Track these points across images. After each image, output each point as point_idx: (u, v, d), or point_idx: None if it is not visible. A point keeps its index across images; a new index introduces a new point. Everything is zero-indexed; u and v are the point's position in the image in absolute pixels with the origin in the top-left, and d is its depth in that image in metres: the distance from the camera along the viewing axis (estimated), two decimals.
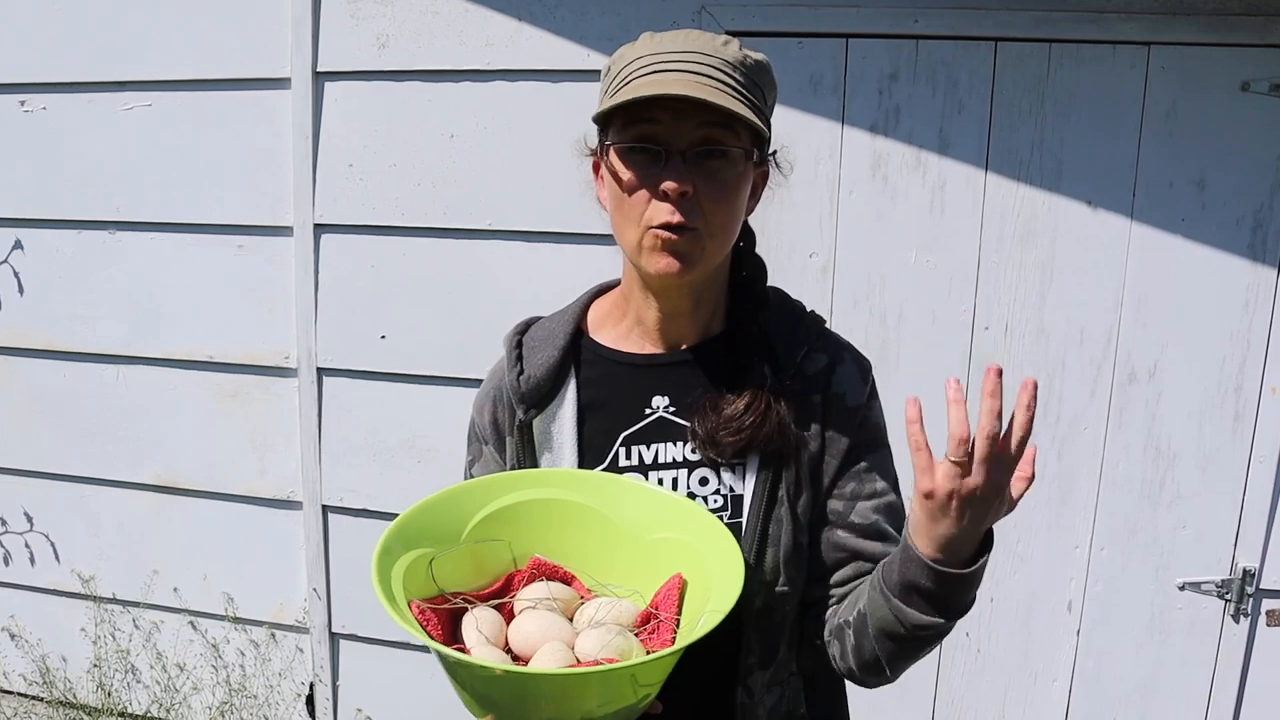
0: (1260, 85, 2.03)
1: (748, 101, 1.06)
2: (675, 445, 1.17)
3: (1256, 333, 2.12)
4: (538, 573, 1.12)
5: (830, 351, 1.20)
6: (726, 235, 1.11)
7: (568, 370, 1.21)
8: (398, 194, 2.46)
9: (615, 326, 1.23)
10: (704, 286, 1.16)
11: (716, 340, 1.20)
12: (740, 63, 1.07)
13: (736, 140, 1.06)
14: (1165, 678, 2.30)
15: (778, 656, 1.18)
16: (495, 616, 1.06)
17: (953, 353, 2.25)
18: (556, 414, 1.20)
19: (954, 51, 2.13)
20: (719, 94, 1.02)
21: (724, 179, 1.07)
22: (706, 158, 1.05)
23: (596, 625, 1.03)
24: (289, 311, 2.60)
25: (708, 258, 1.09)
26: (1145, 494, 2.23)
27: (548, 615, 1.05)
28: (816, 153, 2.22)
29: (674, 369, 1.19)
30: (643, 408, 1.19)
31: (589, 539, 1.13)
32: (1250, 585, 2.20)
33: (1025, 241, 2.18)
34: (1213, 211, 2.09)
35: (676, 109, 1.03)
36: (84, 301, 2.76)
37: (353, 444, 2.62)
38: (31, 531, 2.98)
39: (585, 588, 1.12)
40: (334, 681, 2.81)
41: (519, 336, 1.25)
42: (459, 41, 2.35)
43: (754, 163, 1.11)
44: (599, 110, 1.09)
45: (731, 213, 1.10)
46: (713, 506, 1.15)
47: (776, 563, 1.13)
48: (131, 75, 2.58)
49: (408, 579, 1.04)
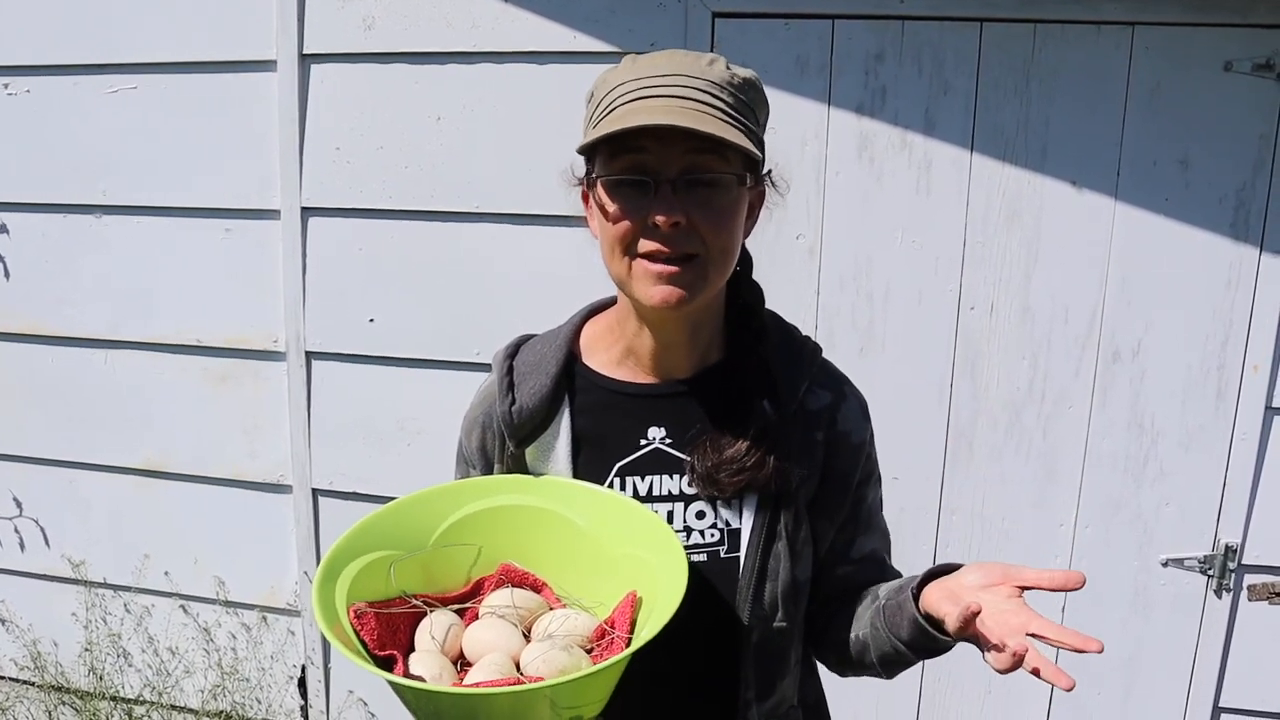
0: (1243, 65, 2.04)
1: (737, 124, 1.01)
2: (671, 478, 1.14)
3: (1239, 311, 2.13)
4: (506, 579, 1.11)
5: (832, 388, 1.19)
6: (727, 261, 1.07)
7: (560, 399, 1.17)
8: (385, 177, 2.45)
9: (608, 351, 1.19)
10: (701, 316, 1.13)
11: (714, 370, 1.17)
12: (728, 83, 1.03)
13: (727, 165, 1.02)
14: (1149, 653, 2.32)
15: (776, 691, 1.17)
16: (452, 621, 1.05)
17: (939, 333, 2.26)
18: (550, 444, 1.17)
19: (940, 32, 2.14)
20: (706, 119, 0.98)
21: (718, 205, 1.02)
22: (697, 185, 1.01)
23: (547, 638, 1.01)
24: (277, 295, 2.59)
25: (709, 286, 1.06)
26: (1129, 471, 2.25)
27: (502, 624, 1.03)
28: (803, 134, 2.22)
29: (672, 400, 1.15)
30: (638, 439, 1.15)
31: (562, 548, 1.11)
32: (1232, 561, 2.22)
33: (1010, 221, 2.19)
34: (1196, 190, 2.10)
35: (662, 136, 0.98)
36: (71, 285, 2.76)
37: (342, 427, 2.62)
38: (21, 517, 2.98)
39: (555, 596, 1.10)
40: (326, 664, 2.82)
41: (509, 361, 1.20)
42: (445, 23, 2.34)
43: (748, 186, 1.07)
44: (583, 143, 1.04)
45: (731, 238, 1.05)
46: (710, 541, 1.13)
47: (775, 598, 1.12)
48: (116, 58, 2.56)
49: (370, 580, 1.03)
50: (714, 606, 1.12)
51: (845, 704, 2.47)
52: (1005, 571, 0.99)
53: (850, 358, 2.27)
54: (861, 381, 2.28)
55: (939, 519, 2.34)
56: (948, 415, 2.29)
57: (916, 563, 2.34)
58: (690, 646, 1.11)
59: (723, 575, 1.12)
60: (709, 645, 1.13)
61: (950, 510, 2.34)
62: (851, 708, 2.47)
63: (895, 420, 2.29)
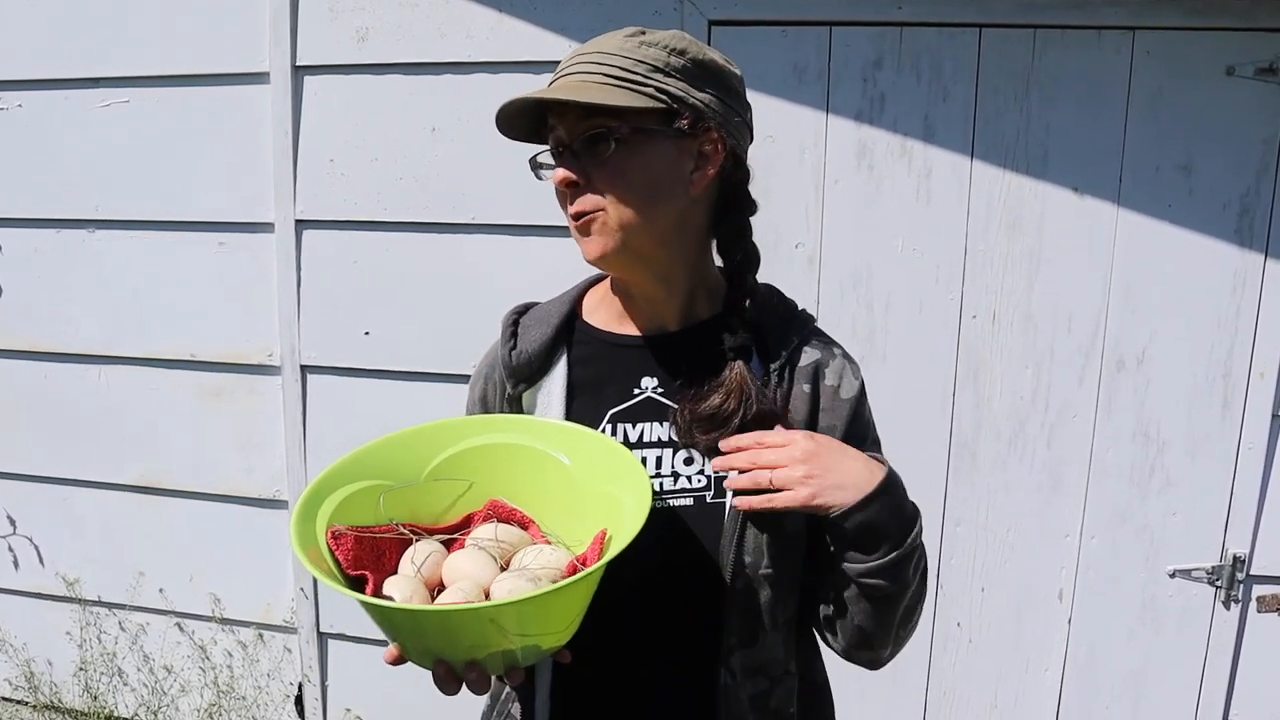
0: (1245, 69, 2.02)
1: (627, 86, 1.06)
2: (661, 425, 1.18)
3: (1244, 318, 2.11)
4: (493, 514, 1.15)
5: (820, 348, 1.22)
6: (638, 212, 1.10)
7: (560, 348, 1.24)
8: (380, 189, 2.43)
9: (608, 310, 1.25)
10: (666, 268, 1.17)
11: (706, 325, 1.20)
12: (619, 50, 1.09)
13: (619, 121, 1.07)
14: (1156, 665, 2.29)
15: (759, 642, 1.17)
16: (436, 551, 1.09)
17: (940, 342, 2.24)
18: (547, 388, 1.23)
19: (938, 38, 2.12)
20: (588, 89, 1.05)
21: (613, 159, 1.08)
22: (592, 144, 1.08)
23: (520, 570, 1.05)
24: (271, 309, 2.57)
25: (627, 236, 1.10)
26: (1135, 481, 2.22)
27: (483, 556, 1.07)
28: (801, 142, 2.20)
29: (664, 351, 1.20)
30: (632, 387, 1.20)
31: (550, 488, 1.15)
32: (1240, 571, 2.20)
33: (1012, 229, 2.17)
34: (1199, 196, 2.08)
35: (559, 111, 1.09)
36: (64, 301, 2.73)
37: (338, 441, 2.59)
38: (15, 535, 2.95)
39: (541, 534, 1.14)
40: (323, 682, 2.79)
41: (517, 316, 1.29)
42: (439, 34, 2.32)
43: (671, 134, 1.09)
44: (503, 131, 1.15)
45: (631, 190, 1.09)
46: (696, 486, 1.16)
47: (759, 544, 1.13)
48: (108, 71, 2.55)
49: (359, 508, 1.09)
50: (698, 551, 1.15)
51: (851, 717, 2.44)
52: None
53: None
54: None
55: (942, 530, 2.31)
56: (950, 425, 2.27)
57: None
58: (674, 590, 1.15)
59: (708, 520, 1.15)
60: (692, 589, 1.15)
61: (954, 521, 2.31)
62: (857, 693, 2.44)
63: (897, 430, 2.26)
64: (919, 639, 2.36)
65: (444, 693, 1.00)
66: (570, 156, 1.10)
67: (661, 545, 1.12)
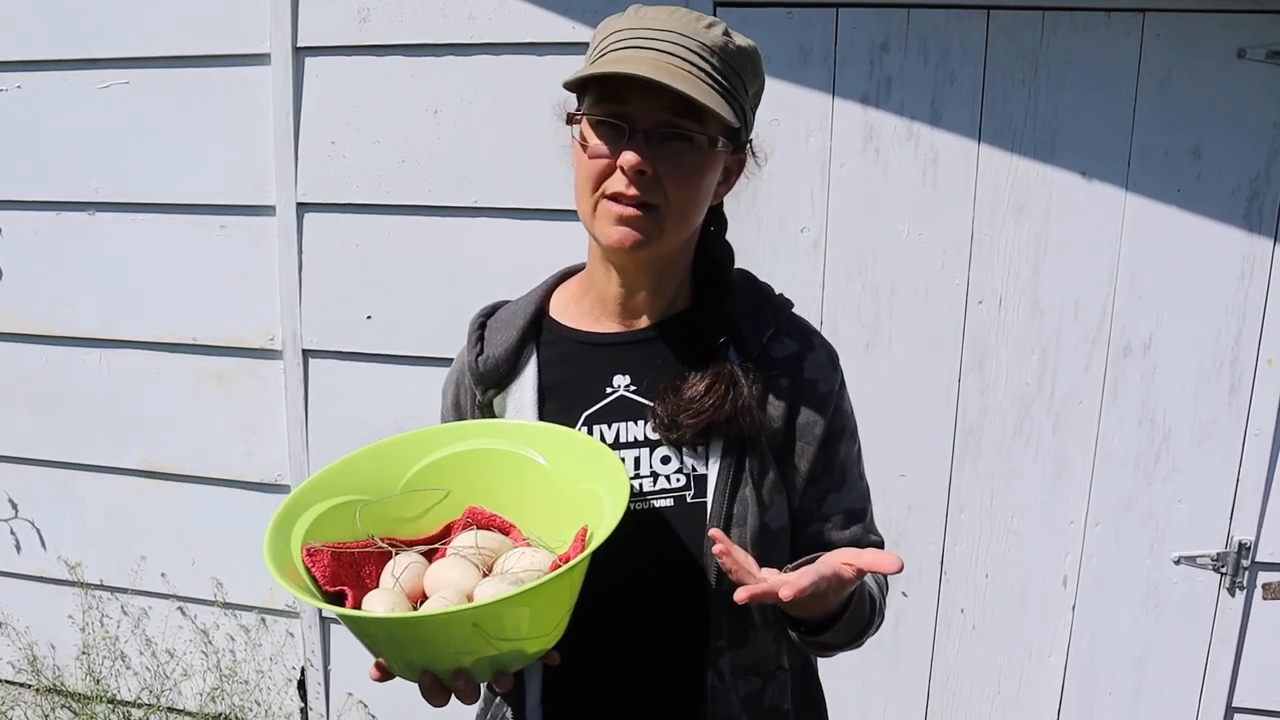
0: (1257, 52, 2.00)
1: (719, 87, 1.04)
2: (636, 424, 1.16)
3: (1252, 304, 2.10)
4: (472, 521, 1.14)
5: (799, 338, 1.21)
6: (687, 218, 1.10)
7: (527, 350, 1.22)
8: (381, 171, 2.42)
9: (578, 305, 1.23)
10: (665, 266, 1.16)
11: (679, 318, 1.20)
12: (721, 48, 1.06)
13: (702, 126, 1.05)
14: (1160, 652, 2.29)
15: (749, 642, 1.16)
16: (417, 562, 1.08)
17: (946, 327, 2.22)
18: (517, 393, 1.21)
19: (946, 20, 2.10)
20: (687, 79, 1.01)
21: (686, 162, 1.06)
22: (669, 139, 1.05)
23: (501, 574, 1.03)
24: (273, 293, 2.56)
25: (666, 238, 1.09)
26: (1140, 468, 2.21)
27: (464, 564, 1.05)
28: (807, 125, 2.18)
29: (635, 347, 1.19)
30: (604, 387, 1.18)
31: (528, 490, 1.14)
32: (1245, 558, 2.19)
33: (1019, 214, 2.15)
34: (1208, 181, 2.06)
35: (644, 88, 1.02)
36: (64, 284, 2.72)
37: (340, 426, 2.59)
38: (17, 519, 2.95)
39: (523, 538, 1.13)
40: (325, 666, 2.79)
41: (483, 319, 1.27)
42: (441, 15, 2.30)
43: (726, 150, 1.10)
44: (571, 78, 1.08)
45: (693, 197, 1.09)
46: (676, 486, 1.14)
47: (743, 544, 1.12)
48: (107, 52, 2.53)
49: (334, 525, 1.08)
50: (681, 552, 1.13)
51: (852, 706, 2.45)
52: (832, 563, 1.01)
53: (856, 353, 2.23)
54: (868, 377, 2.25)
55: (947, 517, 2.30)
56: (955, 411, 2.25)
57: (924, 561, 2.32)
58: (659, 593, 1.13)
59: (689, 520, 1.13)
60: (677, 592, 1.14)
61: (958, 508, 2.30)
62: (859, 710, 2.44)
63: (902, 417, 2.25)
64: (922, 625, 2.36)
65: (431, 704, 0.98)
66: (643, 141, 1.05)
67: (645, 547, 1.11)
